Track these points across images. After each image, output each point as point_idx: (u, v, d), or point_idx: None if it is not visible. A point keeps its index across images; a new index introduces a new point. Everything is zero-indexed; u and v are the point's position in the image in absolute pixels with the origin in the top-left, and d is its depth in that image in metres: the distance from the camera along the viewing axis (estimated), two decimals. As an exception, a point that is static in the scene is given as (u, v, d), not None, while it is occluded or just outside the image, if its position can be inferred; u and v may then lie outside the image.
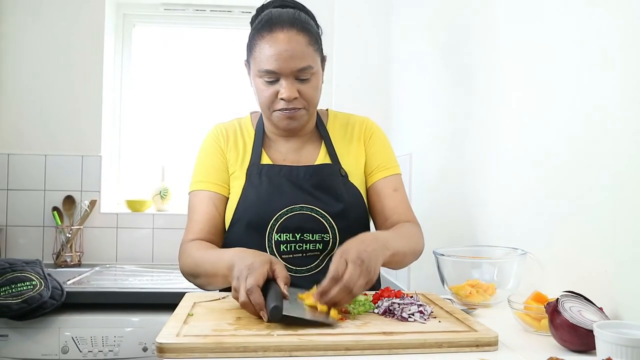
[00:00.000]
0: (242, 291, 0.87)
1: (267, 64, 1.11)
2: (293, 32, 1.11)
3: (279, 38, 1.11)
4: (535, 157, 1.12)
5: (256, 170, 1.19)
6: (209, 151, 1.25)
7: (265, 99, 1.15)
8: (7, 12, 2.37)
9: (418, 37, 1.99)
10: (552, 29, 1.06)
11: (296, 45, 1.11)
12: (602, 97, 0.89)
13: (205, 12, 2.63)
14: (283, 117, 1.16)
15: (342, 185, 1.20)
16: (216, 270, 1.04)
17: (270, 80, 1.13)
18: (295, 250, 1.15)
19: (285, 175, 1.19)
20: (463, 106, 1.54)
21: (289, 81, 1.12)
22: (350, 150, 1.26)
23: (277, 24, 1.12)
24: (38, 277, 1.76)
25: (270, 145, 1.25)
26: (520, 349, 0.78)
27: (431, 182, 1.81)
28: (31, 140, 2.37)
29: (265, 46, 1.11)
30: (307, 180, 1.19)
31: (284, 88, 1.12)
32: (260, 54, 1.12)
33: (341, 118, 1.32)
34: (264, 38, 1.12)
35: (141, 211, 2.47)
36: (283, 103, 1.14)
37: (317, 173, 1.20)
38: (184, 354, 0.73)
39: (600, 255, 0.88)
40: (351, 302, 0.95)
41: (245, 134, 1.26)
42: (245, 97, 2.64)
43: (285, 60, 1.10)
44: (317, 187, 1.18)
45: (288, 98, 1.12)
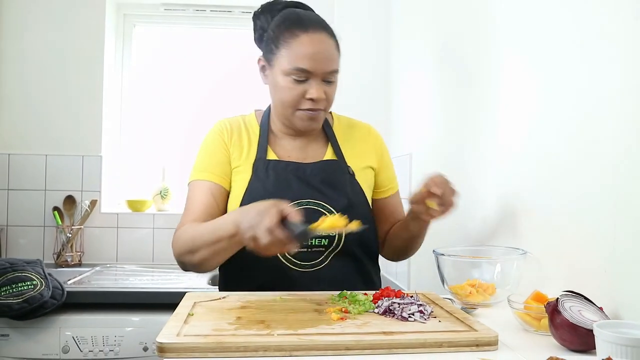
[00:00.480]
0: (263, 233, 0.87)
1: (301, 62, 1.11)
2: (325, 34, 1.14)
3: (315, 39, 1.12)
4: (535, 157, 1.12)
5: (262, 164, 1.19)
6: (211, 144, 1.25)
7: (291, 98, 1.14)
8: (8, 13, 2.37)
9: (418, 37, 1.99)
10: (552, 29, 1.06)
11: (329, 48, 1.13)
12: (602, 97, 0.89)
13: (205, 12, 2.63)
14: (306, 118, 1.16)
15: (349, 183, 1.22)
16: (219, 235, 1.02)
17: (300, 79, 1.12)
18: (301, 245, 1.14)
19: (292, 170, 1.20)
20: (463, 106, 1.54)
21: (318, 82, 1.13)
22: (354, 153, 1.27)
23: (311, 25, 1.13)
24: (39, 276, 1.76)
25: (275, 142, 1.25)
26: (520, 349, 0.78)
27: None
28: (32, 140, 2.38)
29: (299, 45, 1.11)
30: (314, 176, 1.20)
31: (314, 89, 1.12)
32: (293, 52, 1.11)
33: (344, 121, 1.34)
34: (297, 37, 1.12)
35: (141, 211, 2.47)
36: (310, 103, 1.14)
37: (324, 169, 1.22)
38: (185, 354, 0.73)
39: (600, 255, 0.88)
40: (351, 302, 0.95)
41: (250, 130, 1.26)
42: (246, 97, 2.65)
43: (319, 61, 1.11)
44: (324, 183, 1.19)
45: (318, 99, 1.13)
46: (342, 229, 0.92)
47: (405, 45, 2.20)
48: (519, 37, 1.21)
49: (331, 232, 0.92)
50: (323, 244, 1.16)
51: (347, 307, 0.93)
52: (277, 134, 1.26)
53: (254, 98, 2.63)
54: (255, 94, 2.65)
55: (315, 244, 1.16)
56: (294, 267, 1.15)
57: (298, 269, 1.15)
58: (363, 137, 1.31)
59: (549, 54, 1.07)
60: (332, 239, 1.16)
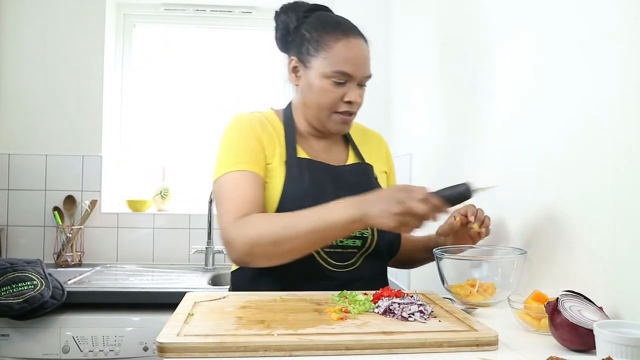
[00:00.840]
0: (418, 203, 0.93)
1: (343, 65, 1.13)
2: (362, 40, 1.18)
3: (356, 44, 1.15)
4: (535, 157, 1.12)
5: (296, 163, 1.18)
6: (245, 134, 1.18)
7: (330, 100, 1.16)
8: (8, 13, 2.37)
9: (418, 37, 1.99)
10: (552, 30, 1.06)
11: (366, 54, 1.18)
12: (603, 97, 0.89)
13: (205, 12, 2.63)
14: (341, 121, 1.19)
15: (376, 185, 1.25)
16: (327, 222, 0.99)
17: (340, 82, 1.15)
18: (336, 245, 1.15)
19: (324, 171, 1.20)
20: (463, 106, 1.54)
21: (356, 86, 1.16)
22: (371, 157, 1.30)
23: (351, 30, 1.17)
24: (39, 276, 1.76)
25: (302, 142, 1.24)
26: (520, 349, 0.78)
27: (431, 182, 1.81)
28: (32, 140, 2.38)
29: (342, 49, 1.14)
30: (345, 178, 1.21)
31: (353, 92, 1.15)
32: (335, 55, 1.14)
33: (357, 126, 1.36)
34: (339, 40, 1.14)
35: (142, 211, 2.47)
36: (347, 106, 1.17)
37: (355, 172, 1.24)
38: (185, 354, 0.73)
39: (600, 255, 0.88)
40: (351, 302, 0.95)
41: (274, 127, 1.23)
42: (246, 96, 2.65)
43: (360, 66, 1.15)
44: (357, 185, 1.20)
45: (356, 102, 1.16)
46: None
47: (405, 45, 2.20)
48: (519, 37, 1.21)
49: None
50: (356, 244, 1.17)
51: (347, 307, 0.93)
52: (302, 133, 1.25)
53: (254, 98, 2.63)
54: (255, 94, 2.65)
55: (350, 245, 1.17)
56: (329, 266, 1.15)
57: (332, 269, 1.15)
58: (375, 143, 1.35)
59: (550, 55, 1.07)
60: (364, 240, 1.17)
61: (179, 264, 2.40)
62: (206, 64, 2.68)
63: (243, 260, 1.07)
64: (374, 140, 1.36)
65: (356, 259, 1.17)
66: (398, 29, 2.31)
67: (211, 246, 2.33)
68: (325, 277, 1.14)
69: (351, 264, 1.17)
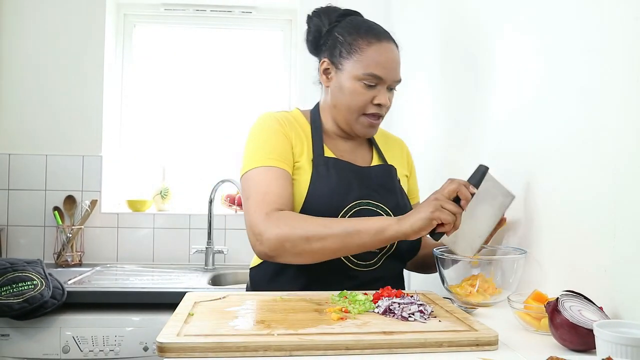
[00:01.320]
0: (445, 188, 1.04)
1: (375, 68, 1.15)
2: (394, 45, 1.20)
3: (388, 48, 1.18)
4: (536, 158, 1.12)
5: (323, 162, 1.19)
6: (273, 131, 1.19)
7: (360, 102, 1.18)
8: (8, 13, 2.37)
9: (418, 37, 1.99)
10: (553, 30, 1.06)
11: (397, 58, 1.20)
12: (603, 98, 0.89)
13: (205, 12, 2.63)
14: (368, 124, 1.20)
15: (399, 188, 1.27)
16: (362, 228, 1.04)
17: (371, 84, 1.16)
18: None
19: (351, 171, 1.21)
20: (462, 106, 1.54)
21: (386, 89, 1.18)
22: (394, 161, 1.32)
23: (383, 35, 1.19)
24: (39, 276, 1.77)
25: (328, 142, 1.26)
26: (520, 349, 0.78)
27: (430, 183, 1.81)
28: (32, 140, 2.38)
29: (374, 52, 1.16)
30: (371, 178, 1.22)
31: (382, 95, 1.17)
32: (367, 58, 1.16)
33: (379, 131, 1.36)
34: (372, 44, 1.16)
35: (142, 211, 2.47)
36: (376, 108, 1.18)
37: (381, 173, 1.25)
38: (185, 354, 0.73)
39: (600, 254, 0.88)
40: (351, 302, 0.95)
41: (302, 126, 1.25)
42: (246, 96, 2.65)
43: (391, 70, 1.17)
44: (382, 186, 1.22)
45: (385, 104, 1.19)
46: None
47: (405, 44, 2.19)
48: (519, 37, 1.21)
49: None
50: None
51: (347, 307, 0.93)
52: (329, 134, 1.27)
53: (254, 98, 2.63)
54: (255, 94, 2.65)
55: None
56: (352, 265, 1.16)
57: (355, 268, 1.16)
58: (397, 147, 1.37)
59: (550, 54, 1.07)
60: None
61: (179, 264, 2.40)
62: (206, 64, 2.68)
63: (269, 255, 1.08)
64: (396, 144, 1.38)
65: (378, 259, 1.19)
66: (398, 28, 2.30)
67: (211, 246, 2.33)
68: (347, 276, 1.15)
69: (372, 264, 1.18)
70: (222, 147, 2.61)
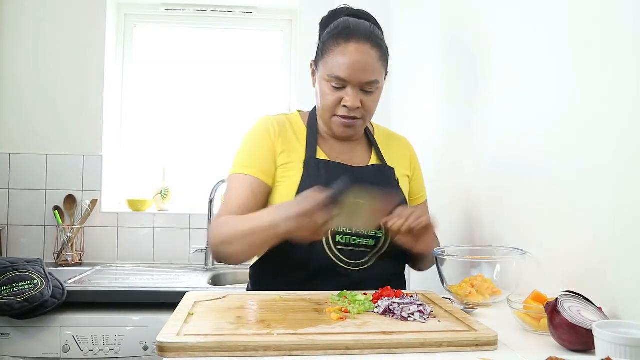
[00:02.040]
0: (309, 200, 0.98)
1: (338, 70, 1.15)
2: (368, 45, 1.16)
3: (354, 49, 1.15)
4: (535, 157, 1.12)
5: (314, 163, 1.21)
6: (258, 139, 1.24)
7: (329, 103, 1.18)
8: (8, 13, 2.37)
9: (418, 36, 2.00)
10: (553, 30, 1.06)
11: (368, 59, 1.16)
12: (603, 99, 0.90)
13: (206, 12, 2.64)
14: (341, 125, 1.20)
15: (395, 188, 1.26)
16: (255, 225, 1.06)
17: (337, 87, 1.16)
18: (349, 244, 1.17)
19: (343, 172, 1.20)
20: (463, 105, 1.54)
21: (354, 91, 1.16)
22: (394, 161, 1.30)
23: (355, 35, 1.16)
24: (39, 276, 1.77)
25: (323, 144, 1.26)
26: (519, 349, 0.78)
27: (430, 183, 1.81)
28: (32, 139, 2.38)
29: (339, 54, 1.15)
30: (364, 179, 1.21)
31: (349, 96, 1.16)
32: (333, 60, 1.16)
33: (383, 130, 1.38)
34: (339, 45, 1.16)
35: (142, 211, 2.47)
36: (345, 110, 1.18)
37: (375, 173, 1.25)
38: (185, 353, 0.73)
39: (600, 255, 0.88)
40: (351, 302, 0.95)
41: (296, 129, 1.27)
42: (246, 96, 2.65)
43: (356, 71, 1.15)
44: (375, 186, 1.20)
45: (351, 107, 1.17)
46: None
47: (405, 44, 2.20)
48: (519, 37, 1.21)
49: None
50: (369, 244, 1.18)
51: (346, 307, 0.93)
52: (324, 135, 1.27)
53: (254, 98, 2.63)
54: (256, 95, 2.66)
55: (362, 244, 1.18)
56: (341, 264, 1.16)
57: (345, 267, 1.16)
58: (400, 147, 1.36)
59: (550, 54, 1.07)
60: (377, 240, 1.18)
61: (179, 263, 2.40)
62: (206, 64, 2.68)
63: (216, 257, 1.17)
64: (400, 144, 1.37)
65: (369, 258, 1.19)
66: (397, 27, 2.31)
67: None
68: (337, 275, 1.15)
69: (363, 263, 1.18)
70: (222, 147, 2.61)
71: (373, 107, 1.22)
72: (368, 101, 1.19)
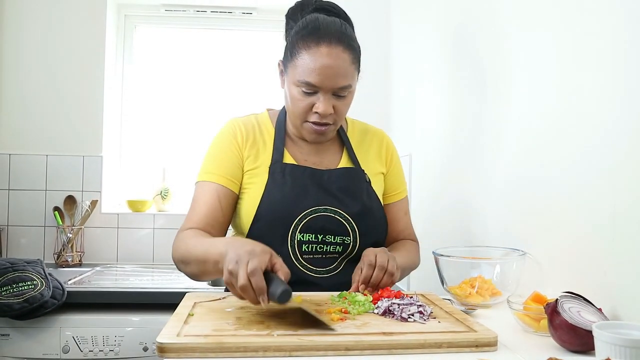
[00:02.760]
0: (243, 274, 0.84)
1: (309, 76, 1.09)
2: (340, 48, 1.09)
3: (326, 53, 1.08)
4: (535, 158, 1.12)
5: (279, 168, 1.17)
6: (224, 144, 1.21)
7: (300, 109, 1.13)
8: (8, 13, 2.37)
9: (418, 37, 2.00)
10: (553, 30, 1.07)
11: (341, 63, 1.09)
12: (603, 100, 0.90)
13: (206, 13, 2.64)
14: (313, 131, 1.15)
15: (365, 190, 1.21)
16: (207, 257, 1.00)
17: (308, 92, 1.11)
18: (316, 251, 1.15)
19: (309, 176, 1.18)
20: (463, 106, 1.55)
21: (327, 97, 1.11)
22: (368, 159, 1.27)
23: (325, 37, 1.09)
24: (39, 276, 1.77)
25: (291, 145, 1.23)
26: (519, 350, 0.78)
27: (431, 183, 1.82)
28: (32, 140, 2.38)
29: (309, 57, 1.09)
30: (332, 182, 1.19)
31: (321, 103, 1.11)
32: (303, 64, 1.09)
33: (359, 125, 1.33)
34: (310, 48, 1.09)
35: (142, 211, 2.47)
36: (317, 117, 1.13)
37: (342, 176, 1.20)
38: (185, 354, 0.73)
39: (600, 256, 0.88)
40: (351, 303, 0.95)
41: (265, 131, 1.24)
42: (247, 97, 2.65)
43: (328, 77, 1.08)
44: (341, 190, 1.18)
45: (324, 113, 1.11)
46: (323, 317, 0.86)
47: (405, 44, 2.20)
48: (519, 37, 1.21)
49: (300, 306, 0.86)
50: (338, 250, 1.16)
51: (346, 308, 0.93)
52: (292, 137, 1.24)
53: (255, 99, 2.63)
54: (256, 95, 2.66)
55: (330, 251, 1.16)
56: (310, 272, 1.14)
57: (314, 275, 1.14)
58: (375, 142, 1.30)
59: (549, 55, 1.07)
60: (346, 246, 1.16)
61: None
62: (206, 64, 2.68)
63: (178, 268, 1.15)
64: (375, 139, 1.31)
65: (337, 264, 1.17)
66: (398, 29, 2.31)
67: (211, 246, 2.33)
68: (307, 283, 1.13)
69: (333, 269, 1.16)
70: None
71: (345, 111, 1.16)
72: (340, 106, 1.13)
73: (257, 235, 1.15)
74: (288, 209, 1.14)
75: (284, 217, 1.14)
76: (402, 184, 1.32)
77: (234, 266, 0.86)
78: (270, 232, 1.14)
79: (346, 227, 1.16)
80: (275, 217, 1.14)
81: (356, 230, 1.16)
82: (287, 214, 1.14)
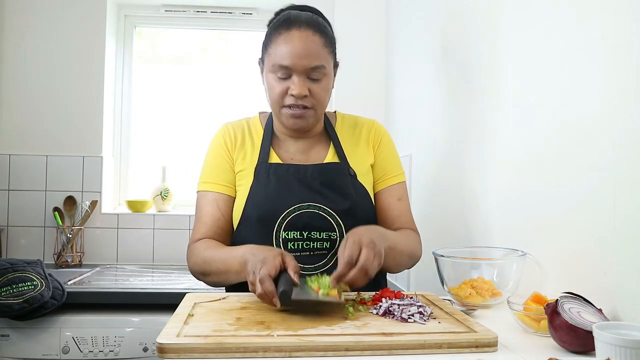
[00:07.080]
0: (257, 283, 0.92)
1: (281, 59, 1.13)
2: (310, 32, 1.14)
3: (296, 36, 1.13)
4: (535, 158, 1.12)
5: (264, 168, 1.20)
6: (215, 151, 1.26)
7: (276, 95, 1.16)
8: (9, 13, 2.37)
9: (418, 38, 2.00)
10: (553, 31, 1.07)
11: (312, 45, 1.13)
12: (602, 99, 0.90)
13: (206, 13, 2.64)
14: (290, 116, 1.17)
15: (351, 184, 1.21)
16: (228, 268, 1.07)
17: (283, 77, 1.15)
18: (303, 249, 1.15)
19: (293, 173, 1.20)
20: (463, 107, 1.54)
21: (300, 78, 1.14)
22: (358, 151, 1.27)
23: (295, 23, 1.14)
24: (39, 277, 1.77)
25: (278, 145, 1.26)
26: (519, 350, 0.78)
27: (431, 183, 1.82)
28: (32, 140, 2.38)
29: (281, 43, 1.14)
30: (315, 178, 1.19)
31: (294, 84, 1.14)
32: (276, 50, 1.14)
33: (349, 120, 1.33)
34: (280, 35, 1.15)
35: (142, 212, 2.47)
36: (292, 99, 1.15)
37: (325, 171, 1.21)
38: (185, 354, 0.73)
39: (600, 256, 0.88)
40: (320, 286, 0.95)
41: (254, 133, 1.27)
42: (247, 97, 2.65)
43: (299, 57, 1.12)
44: (325, 185, 1.19)
45: (298, 95, 1.14)
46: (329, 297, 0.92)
47: (405, 44, 2.20)
48: (518, 37, 1.21)
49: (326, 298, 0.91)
50: (325, 246, 1.16)
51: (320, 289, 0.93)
52: (280, 136, 1.26)
53: (255, 99, 2.63)
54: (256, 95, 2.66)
55: (317, 247, 1.16)
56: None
57: (302, 272, 1.13)
58: (364, 132, 1.29)
59: (549, 56, 1.07)
60: (333, 241, 1.16)
61: (179, 264, 2.40)
62: (206, 65, 2.68)
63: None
64: (364, 129, 1.29)
65: (327, 260, 1.17)
66: (398, 29, 2.31)
67: (211, 247, 2.33)
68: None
69: (322, 266, 1.16)
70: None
71: (322, 94, 1.17)
72: (316, 89, 1.15)
73: (244, 236, 1.18)
74: (271, 207, 1.16)
75: (268, 216, 1.16)
76: (395, 169, 1.28)
77: (252, 277, 0.94)
78: (255, 232, 1.16)
79: (331, 222, 1.16)
80: (260, 217, 1.16)
81: (342, 225, 1.16)
82: (270, 213, 1.16)
